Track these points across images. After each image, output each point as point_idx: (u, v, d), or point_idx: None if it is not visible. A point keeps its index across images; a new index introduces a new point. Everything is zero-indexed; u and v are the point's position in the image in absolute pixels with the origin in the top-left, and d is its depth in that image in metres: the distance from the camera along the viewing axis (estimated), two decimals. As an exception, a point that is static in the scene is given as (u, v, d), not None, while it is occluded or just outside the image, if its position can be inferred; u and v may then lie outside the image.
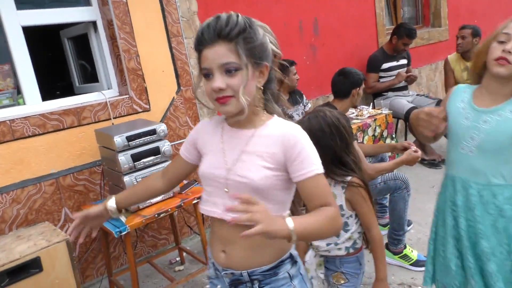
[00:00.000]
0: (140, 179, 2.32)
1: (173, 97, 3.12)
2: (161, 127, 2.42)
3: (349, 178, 1.58)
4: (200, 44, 1.07)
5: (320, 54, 4.29)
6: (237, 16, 1.07)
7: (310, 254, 1.66)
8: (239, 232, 0.98)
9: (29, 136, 2.48)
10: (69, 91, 3.64)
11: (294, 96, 3.70)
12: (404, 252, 2.63)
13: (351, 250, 1.63)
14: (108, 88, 3.00)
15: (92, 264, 2.76)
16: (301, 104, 3.71)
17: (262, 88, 1.13)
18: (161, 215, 2.30)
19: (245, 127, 1.16)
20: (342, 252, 1.62)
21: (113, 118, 2.78)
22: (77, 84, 3.44)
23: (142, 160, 2.32)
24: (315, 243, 1.64)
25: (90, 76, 3.30)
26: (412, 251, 2.65)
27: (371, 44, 4.83)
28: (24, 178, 2.47)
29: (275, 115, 1.17)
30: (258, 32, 1.09)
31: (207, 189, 1.22)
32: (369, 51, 4.61)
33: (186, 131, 3.19)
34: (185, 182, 2.62)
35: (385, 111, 4.04)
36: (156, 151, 2.38)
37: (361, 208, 1.58)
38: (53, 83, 4.36)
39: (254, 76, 1.09)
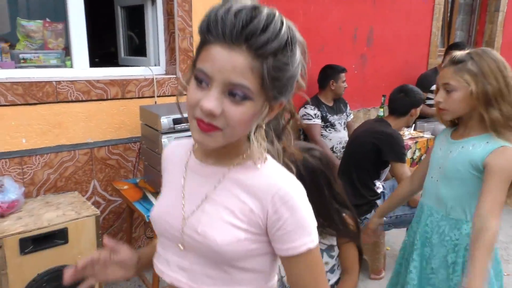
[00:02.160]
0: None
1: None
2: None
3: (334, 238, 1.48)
4: (213, 32, 0.71)
5: (369, 65, 4.14)
6: (282, 23, 0.72)
7: None
8: None
9: (72, 101, 2.39)
10: (108, 60, 3.57)
11: (339, 104, 3.57)
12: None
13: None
14: (155, 65, 2.91)
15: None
16: (344, 114, 3.58)
17: (263, 127, 0.81)
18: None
19: (215, 164, 0.84)
20: None
21: (157, 96, 2.68)
22: (122, 55, 3.35)
23: (184, 146, 2.22)
24: None
25: (136, 49, 3.21)
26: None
27: (421, 64, 4.67)
28: (59, 143, 2.39)
29: (268, 156, 0.83)
30: (295, 57, 0.75)
31: (160, 240, 0.92)
32: (418, 71, 4.46)
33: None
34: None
35: (427, 135, 3.88)
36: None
37: (344, 247, 1.48)
38: (94, 49, 4.30)
39: (262, 112, 0.77)
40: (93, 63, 2.70)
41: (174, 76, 2.79)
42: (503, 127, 1.42)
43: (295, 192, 0.79)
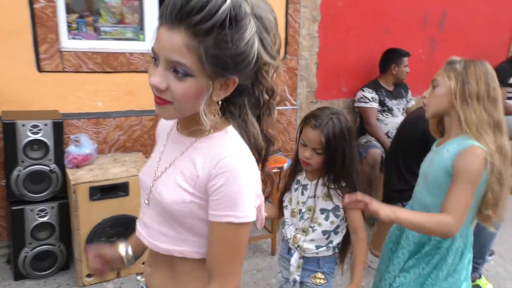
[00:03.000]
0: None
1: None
2: (261, 91, 2.46)
3: (343, 183, 1.53)
4: (160, 17, 0.80)
5: (439, 50, 3.98)
6: (224, 2, 0.74)
7: (295, 257, 1.60)
8: (165, 261, 0.94)
9: (142, 71, 2.67)
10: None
11: (399, 89, 3.51)
12: (477, 282, 2.46)
13: (336, 250, 1.61)
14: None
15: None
16: (404, 99, 3.52)
17: (219, 102, 0.87)
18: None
19: (188, 135, 0.92)
20: (330, 252, 1.60)
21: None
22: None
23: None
24: (305, 245, 1.57)
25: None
26: (486, 284, 2.47)
27: (500, 51, 4.38)
28: (129, 108, 2.69)
29: (228, 128, 0.88)
30: (241, 37, 0.77)
31: (141, 199, 1.01)
32: (496, 59, 4.17)
33: (282, 100, 3.22)
34: (269, 148, 2.68)
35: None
36: (250, 113, 2.44)
37: (352, 210, 1.53)
38: None
39: (213, 88, 0.82)
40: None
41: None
42: (477, 128, 1.40)
43: (235, 166, 0.82)
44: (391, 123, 3.38)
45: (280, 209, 1.68)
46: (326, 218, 1.55)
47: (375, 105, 3.35)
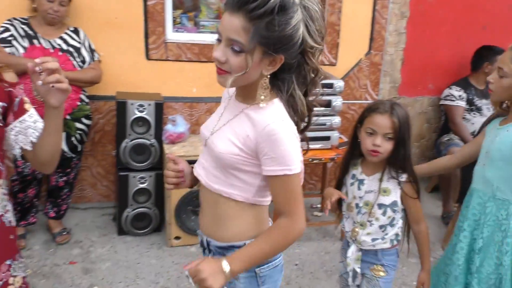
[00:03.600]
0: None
1: (361, 58, 3.21)
2: (339, 83, 2.59)
3: (405, 175, 1.56)
4: (225, 4, 1.00)
5: (544, 49, 3.69)
6: None
7: (352, 249, 1.65)
8: (215, 201, 1.15)
9: (232, 62, 2.95)
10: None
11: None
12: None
13: (395, 242, 1.64)
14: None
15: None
16: (496, 99, 3.36)
17: (268, 76, 1.03)
18: (314, 161, 2.55)
19: (242, 102, 1.12)
20: (387, 245, 1.62)
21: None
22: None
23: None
24: (362, 239, 1.61)
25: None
26: None
27: None
28: (218, 95, 2.96)
29: (275, 101, 1.06)
30: (288, 22, 0.95)
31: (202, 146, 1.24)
32: None
33: (362, 94, 3.29)
34: (345, 139, 2.80)
35: None
36: (327, 104, 2.59)
37: (413, 203, 1.58)
38: None
39: (261, 64, 1.00)
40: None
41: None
42: None
43: (279, 130, 1.01)
44: (478, 122, 3.26)
45: (337, 204, 1.70)
46: (384, 213, 1.58)
47: (462, 103, 3.26)
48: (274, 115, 1.04)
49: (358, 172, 1.63)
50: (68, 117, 2.45)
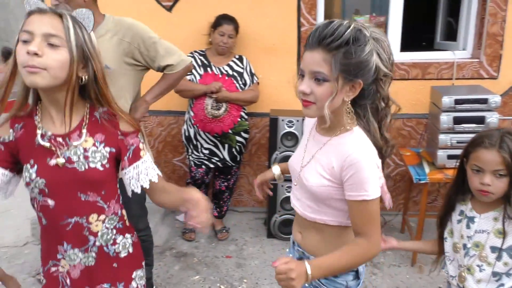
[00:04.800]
0: (455, 141, 2.46)
1: (529, 70, 2.88)
2: (494, 99, 2.41)
3: None
4: (306, 45, 1.12)
5: None
6: (347, 28, 1.05)
7: None
8: (313, 227, 1.25)
9: (395, 79, 3.00)
10: (430, 44, 3.89)
11: None
12: None
13: None
14: (463, 49, 3.09)
15: (394, 199, 3.21)
16: None
17: (349, 102, 1.12)
18: (463, 180, 2.41)
19: (324, 134, 1.21)
20: None
21: (455, 79, 2.92)
22: (437, 40, 3.66)
23: (462, 125, 2.44)
24: (471, 286, 1.40)
25: (451, 34, 3.44)
26: None
27: None
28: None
29: (355, 129, 1.15)
30: (362, 49, 1.06)
31: (292, 179, 1.35)
32: None
33: (532, 109, 2.94)
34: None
35: None
36: (480, 120, 2.43)
37: None
38: (411, 34, 4.69)
39: (343, 90, 1.09)
40: (408, 47, 3.18)
41: (477, 60, 2.92)
42: None
43: (360, 158, 1.10)
44: None
45: (440, 244, 1.53)
46: (499, 258, 1.35)
47: None
48: (355, 144, 1.13)
49: (466, 209, 1.43)
50: (230, 131, 2.88)
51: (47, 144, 1.15)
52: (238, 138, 2.95)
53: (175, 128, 3.30)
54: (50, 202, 1.17)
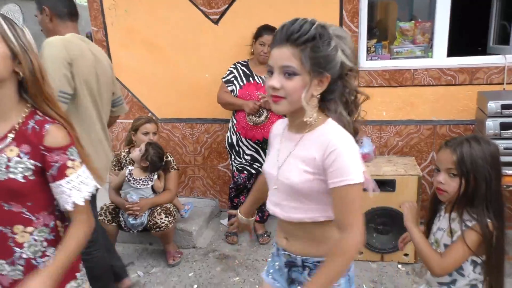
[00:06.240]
0: (502, 147, 2.36)
1: None
2: (545, 103, 2.28)
3: (473, 222, 1.34)
4: (272, 43, 1.14)
5: None
6: (312, 24, 1.09)
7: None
8: (299, 228, 1.24)
9: (424, 85, 2.95)
10: (483, 49, 3.74)
11: None
12: None
13: None
14: (516, 53, 2.95)
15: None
16: None
17: (318, 96, 1.14)
18: (510, 188, 2.30)
19: (297, 132, 1.21)
20: None
21: (506, 83, 2.79)
22: (491, 44, 3.51)
23: (509, 130, 2.33)
24: (428, 277, 1.48)
25: (505, 38, 3.29)
26: None
27: None
28: (409, 118, 3.03)
29: (329, 120, 1.17)
30: (328, 44, 1.10)
31: (268, 186, 1.33)
32: None
33: None
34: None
35: None
36: (529, 125, 2.31)
37: (453, 246, 1.37)
38: (463, 39, 4.49)
39: (312, 84, 1.11)
40: (456, 52, 3.08)
41: (531, 63, 2.77)
42: None
43: (341, 144, 1.11)
44: None
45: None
46: None
47: None
48: (333, 132, 1.15)
49: (442, 210, 1.51)
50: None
51: None
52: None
53: (220, 135, 3.44)
54: None
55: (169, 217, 2.86)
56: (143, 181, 2.85)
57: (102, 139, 2.14)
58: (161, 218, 2.83)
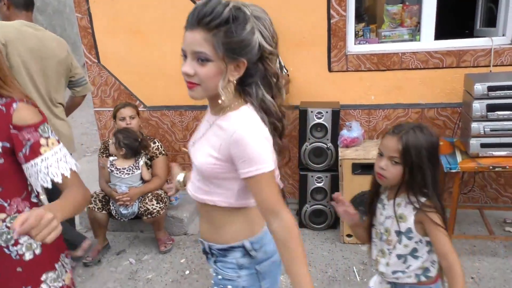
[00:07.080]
0: (489, 129, 2.39)
1: None
2: (530, 84, 2.30)
3: (423, 199, 1.38)
4: (185, 25, 1.07)
5: None
6: (225, 6, 1.02)
7: (375, 280, 1.56)
8: (204, 210, 1.24)
9: (411, 69, 2.96)
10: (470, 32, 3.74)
11: None
12: None
13: (423, 279, 1.45)
14: (503, 35, 2.97)
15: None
16: None
17: (235, 81, 1.09)
18: (496, 169, 2.34)
19: (214, 114, 1.18)
20: (412, 280, 1.46)
21: (492, 66, 2.81)
22: (477, 27, 3.52)
23: (496, 112, 2.36)
24: (381, 269, 1.49)
25: (491, 20, 3.30)
26: None
27: None
28: (397, 101, 3.04)
29: (244, 107, 1.13)
30: (243, 27, 1.04)
31: None
32: None
33: None
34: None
35: None
36: (515, 107, 2.34)
37: (433, 235, 1.36)
38: (450, 22, 4.47)
39: (228, 70, 1.07)
40: (443, 35, 3.09)
41: (517, 45, 2.79)
42: None
43: (246, 134, 1.08)
44: None
45: (368, 232, 1.57)
46: (399, 241, 1.43)
47: None
48: (240, 121, 1.11)
49: (384, 197, 1.50)
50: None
51: None
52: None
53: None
54: None
55: (161, 203, 2.86)
56: (127, 170, 2.85)
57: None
58: (153, 204, 2.83)
